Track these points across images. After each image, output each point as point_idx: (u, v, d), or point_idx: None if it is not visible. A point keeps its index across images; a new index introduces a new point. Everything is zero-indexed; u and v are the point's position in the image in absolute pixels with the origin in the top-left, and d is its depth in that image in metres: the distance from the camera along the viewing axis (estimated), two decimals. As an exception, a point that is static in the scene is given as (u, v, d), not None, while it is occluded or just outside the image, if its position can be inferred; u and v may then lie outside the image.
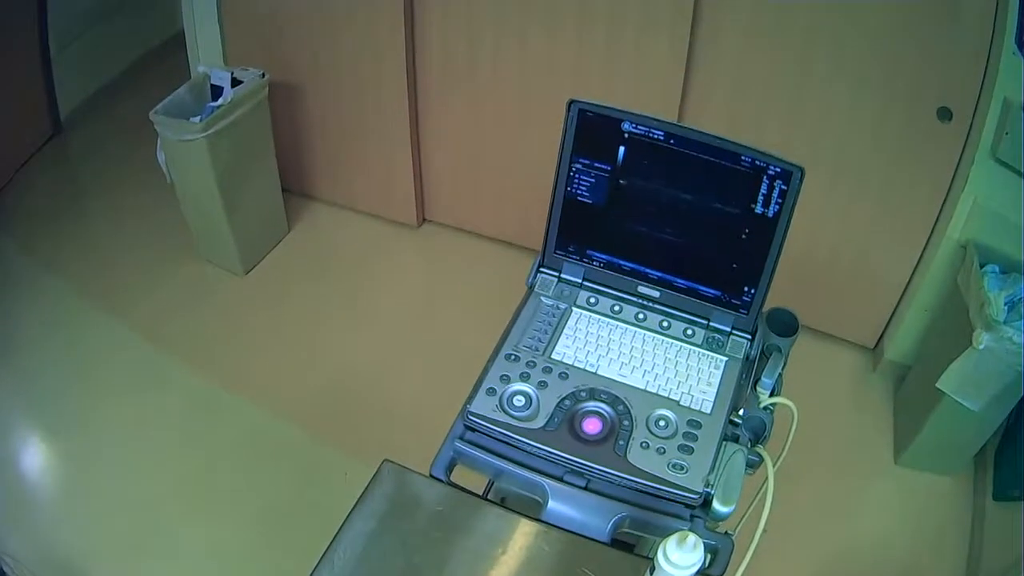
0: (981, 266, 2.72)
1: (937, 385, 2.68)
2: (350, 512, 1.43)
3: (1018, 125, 2.57)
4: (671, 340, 1.70)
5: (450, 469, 1.54)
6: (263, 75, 3.46)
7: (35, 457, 3.10)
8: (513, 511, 1.46)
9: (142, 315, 3.54)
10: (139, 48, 5.04)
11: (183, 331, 3.49)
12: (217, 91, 3.43)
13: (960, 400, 2.66)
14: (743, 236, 1.61)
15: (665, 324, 1.72)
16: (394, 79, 3.48)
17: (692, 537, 1.22)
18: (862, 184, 3.06)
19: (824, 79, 2.88)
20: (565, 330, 1.70)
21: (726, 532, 1.48)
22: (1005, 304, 2.55)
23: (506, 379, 1.58)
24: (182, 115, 3.27)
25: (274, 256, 3.87)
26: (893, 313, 3.31)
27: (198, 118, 3.22)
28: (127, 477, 2.97)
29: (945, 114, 2.76)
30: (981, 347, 2.52)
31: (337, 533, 1.40)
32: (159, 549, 2.77)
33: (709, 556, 1.44)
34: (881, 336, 3.41)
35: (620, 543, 1.51)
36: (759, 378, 1.65)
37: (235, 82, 3.41)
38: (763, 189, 1.55)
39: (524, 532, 1.43)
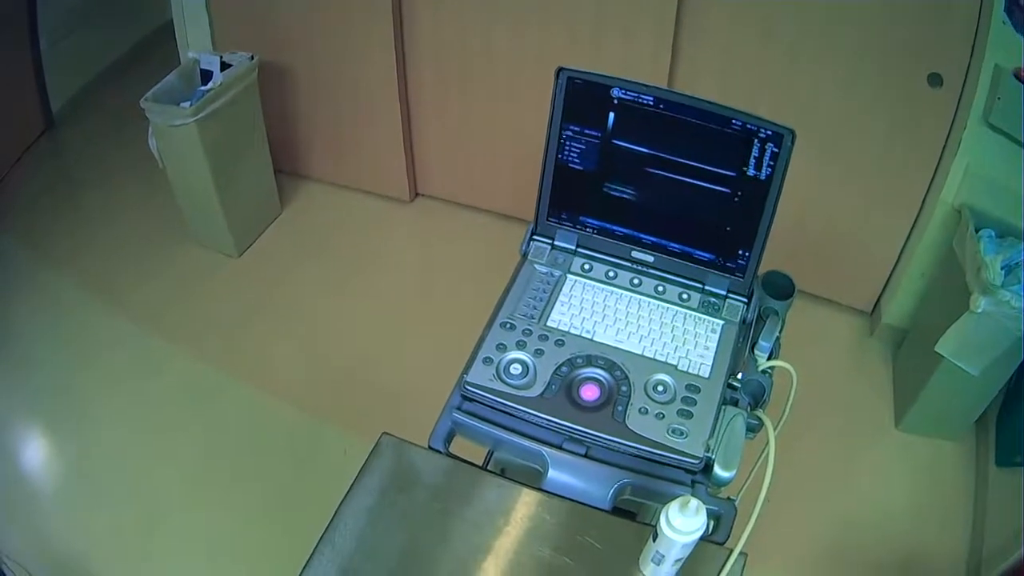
0: (976, 230, 2.71)
1: (936, 349, 2.67)
2: (350, 487, 1.43)
3: (1009, 91, 2.56)
4: (667, 304, 1.69)
5: (449, 440, 1.53)
6: (252, 58, 3.44)
7: (34, 450, 3.10)
8: (513, 481, 1.45)
9: (138, 302, 3.53)
10: (129, 39, 5.02)
11: (179, 316, 3.49)
12: (207, 76, 3.41)
13: (959, 364, 2.66)
14: (736, 199, 1.60)
15: (660, 289, 1.71)
16: (383, 55, 3.47)
17: (694, 501, 1.22)
18: (855, 149, 3.05)
19: (815, 45, 2.87)
20: (560, 297, 1.69)
21: (728, 497, 1.47)
22: (1002, 268, 2.55)
23: (502, 348, 1.57)
24: (172, 101, 3.26)
25: (268, 237, 3.87)
26: (889, 277, 3.31)
27: (188, 103, 3.21)
28: (128, 465, 2.96)
29: (936, 80, 2.75)
30: (979, 311, 2.52)
31: (338, 509, 1.39)
32: (162, 536, 2.77)
33: (712, 522, 1.44)
34: (878, 300, 3.41)
35: (622, 511, 1.50)
36: (756, 341, 1.64)
37: (224, 66, 3.40)
38: (755, 152, 1.54)
39: (525, 502, 1.42)
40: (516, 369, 1.54)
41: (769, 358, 1.64)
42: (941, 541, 2.81)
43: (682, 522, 1.21)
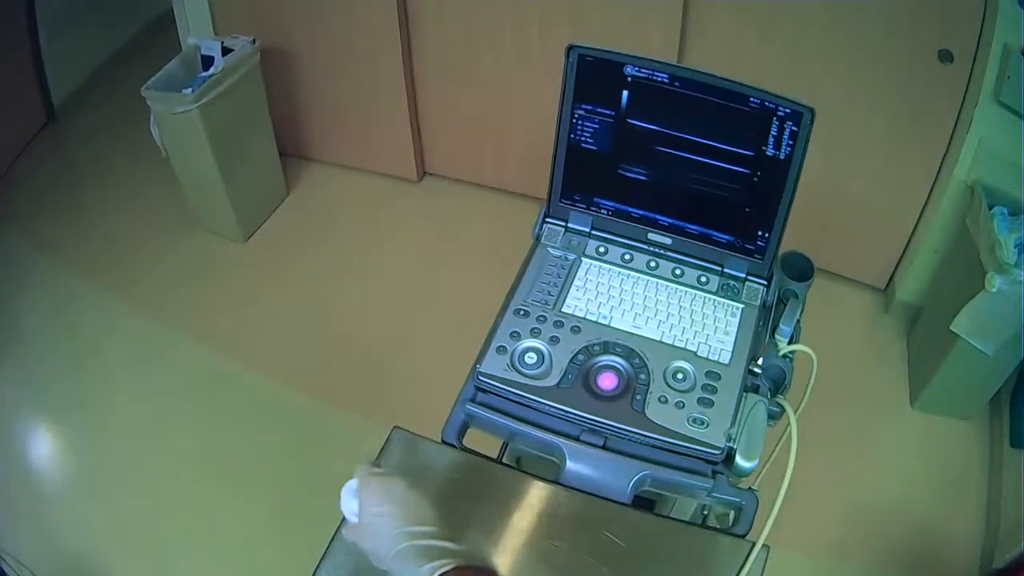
0: (989, 208, 2.70)
1: (951, 328, 2.67)
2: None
3: (1018, 71, 2.56)
4: (685, 288, 1.64)
5: (462, 433, 1.48)
6: (254, 41, 3.42)
7: (41, 443, 3.09)
8: (529, 474, 1.41)
9: (144, 292, 3.52)
10: (129, 28, 5.00)
11: (186, 304, 3.48)
12: (208, 61, 3.40)
13: (974, 343, 2.66)
14: (755, 179, 1.55)
15: (678, 272, 1.66)
16: (387, 33, 3.45)
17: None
18: (867, 127, 3.04)
19: (823, 22, 2.86)
20: (575, 282, 1.64)
21: (750, 488, 1.43)
22: (1015, 247, 2.54)
23: (516, 336, 1.52)
24: (174, 88, 3.24)
25: (274, 221, 3.85)
26: (903, 254, 3.30)
27: (190, 90, 3.19)
28: (136, 457, 2.95)
29: (946, 56, 2.74)
30: (994, 290, 2.52)
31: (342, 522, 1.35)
32: (168, 529, 2.77)
33: (732, 514, 1.40)
34: (892, 277, 3.40)
35: (640, 499, 1.46)
36: (777, 325, 1.60)
37: (226, 51, 3.38)
38: (773, 131, 1.50)
39: (541, 496, 1.38)
40: (531, 358, 1.49)
41: (790, 342, 1.60)
42: (956, 522, 2.80)
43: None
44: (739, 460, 1.39)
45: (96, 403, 3.12)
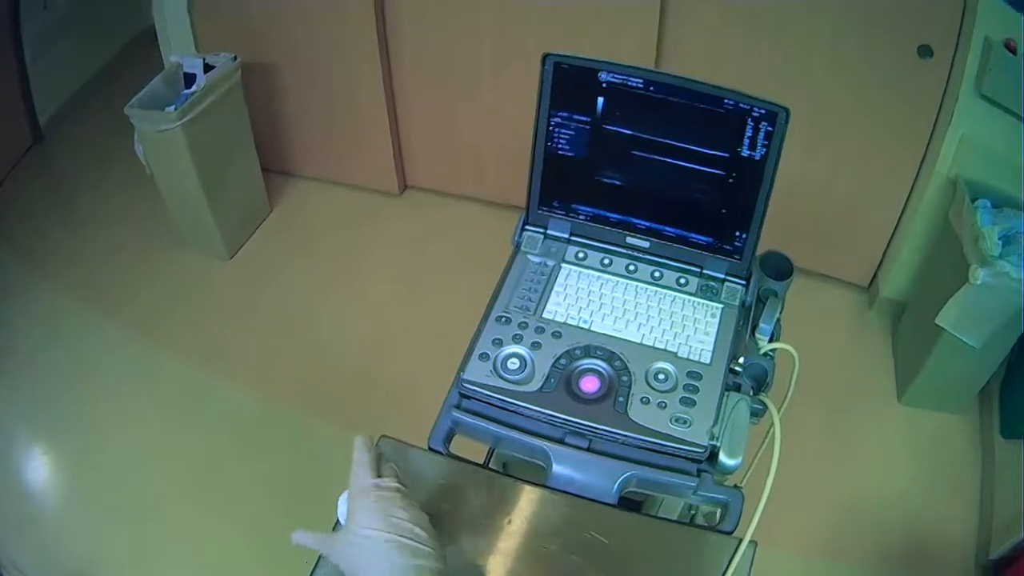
0: (972, 201, 2.72)
1: (936, 321, 2.68)
2: (351, 492, 1.40)
3: (1000, 63, 2.58)
4: (664, 290, 1.66)
5: (449, 440, 1.49)
6: (235, 58, 3.44)
7: (34, 461, 3.09)
8: (516, 478, 1.43)
9: (133, 311, 3.53)
10: (112, 47, 5.02)
11: (174, 322, 3.49)
12: (191, 79, 3.41)
13: (959, 336, 2.67)
14: (731, 180, 1.57)
15: (657, 274, 1.68)
16: (366, 48, 3.47)
17: None
18: (848, 123, 3.05)
19: (803, 19, 2.87)
20: (555, 287, 1.66)
21: (735, 485, 1.44)
22: (999, 239, 2.55)
23: (498, 342, 1.54)
24: (158, 106, 3.25)
25: (258, 237, 3.87)
26: (886, 250, 3.32)
27: (173, 107, 3.20)
28: (129, 475, 2.96)
29: (926, 51, 2.76)
30: (978, 282, 2.53)
31: (335, 525, 1.36)
32: (166, 545, 2.77)
33: (719, 511, 1.42)
34: (875, 274, 3.42)
35: (627, 501, 1.48)
36: (757, 324, 1.62)
37: (208, 68, 3.39)
38: (748, 132, 1.51)
39: (529, 499, 1.39)
40: (514, 364, 1.51)
41: (770, 340, 1.62)
42: (950, 516, 2.82)
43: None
44: (723, 458, 1.40)
45: (88, 420, 3.13)
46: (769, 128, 1.50)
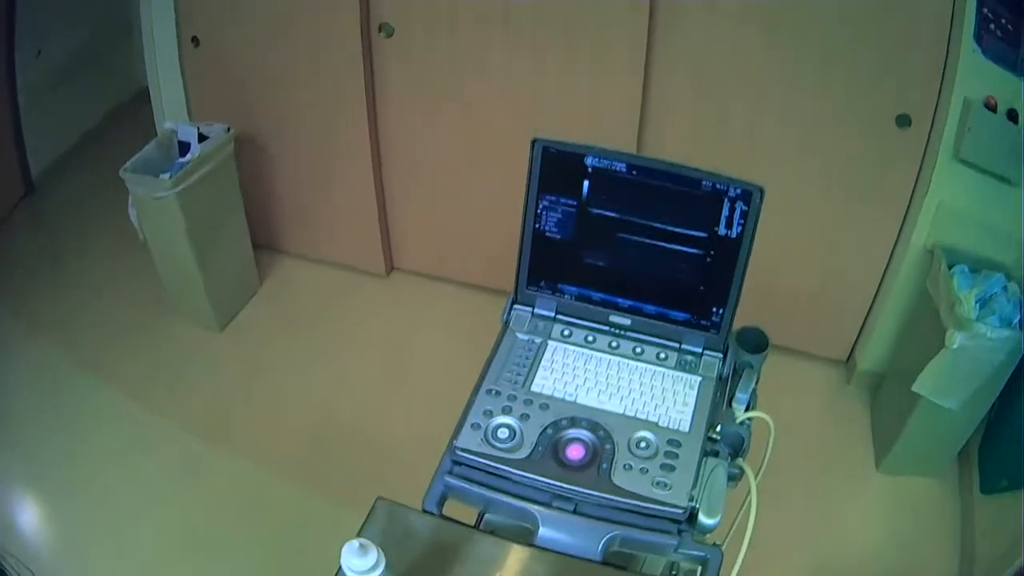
0: (949, 267, 2.74)
1: (913, 388, 2.70)
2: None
3: (979, 122, 2.60)
4: (645, 365, 1.75)
5: (442, 503, 1.58)
6: (228, 129, 3.47)
7: (27, 526, 3.08)
8: (506, 538, 1.50)
9: (126, 377, 3.54)
10: (107, 103, 5.04)
11: (168, 391, 3.49)
12: (184, 147, 3.43)
13: (937, 401, 2.69)
14: (709, 259, 1.68)
15: (638, 350, 1.77)
16: (355, 130, 3.50)
17: (361, 541, 1.27)
18: (825, 199, 3.08)
19: (782, 93, 2.92)
20: (542, 362, 1.75)
21: (714, 544, 1.52)
22: (976, 302, 2.58)
23: (489, 413, 1.63)
24: (151, 172, 3.26)
25: (248, 311, 3.88)
26: (863, 325, 3.34)
27: (167, 174, 3.21)
28: (120, 542, 2.96)
29: (904, 121, 2.79)
30: (955, 347, 2.55)
31: (337, 572, 1.43)
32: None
33: (699, 568, 1.49)
34: (853, 348, 3.44)
35: (612, 563, 1.55)
36: (734, 395, 1.70)
37: (201, 137, 3.41)
38: (725, 211, 1.62)
39: (518, 557, 1.47)
40: (503, 433, 1.59)
41: (747, 410, 1.70)
42: (931, 573, 2.85)
43: (357, 563, 1.26)
44: (702, 517, 1.49)
45: (82, 488, 3.12)
46: (744, 207, 1.61)
